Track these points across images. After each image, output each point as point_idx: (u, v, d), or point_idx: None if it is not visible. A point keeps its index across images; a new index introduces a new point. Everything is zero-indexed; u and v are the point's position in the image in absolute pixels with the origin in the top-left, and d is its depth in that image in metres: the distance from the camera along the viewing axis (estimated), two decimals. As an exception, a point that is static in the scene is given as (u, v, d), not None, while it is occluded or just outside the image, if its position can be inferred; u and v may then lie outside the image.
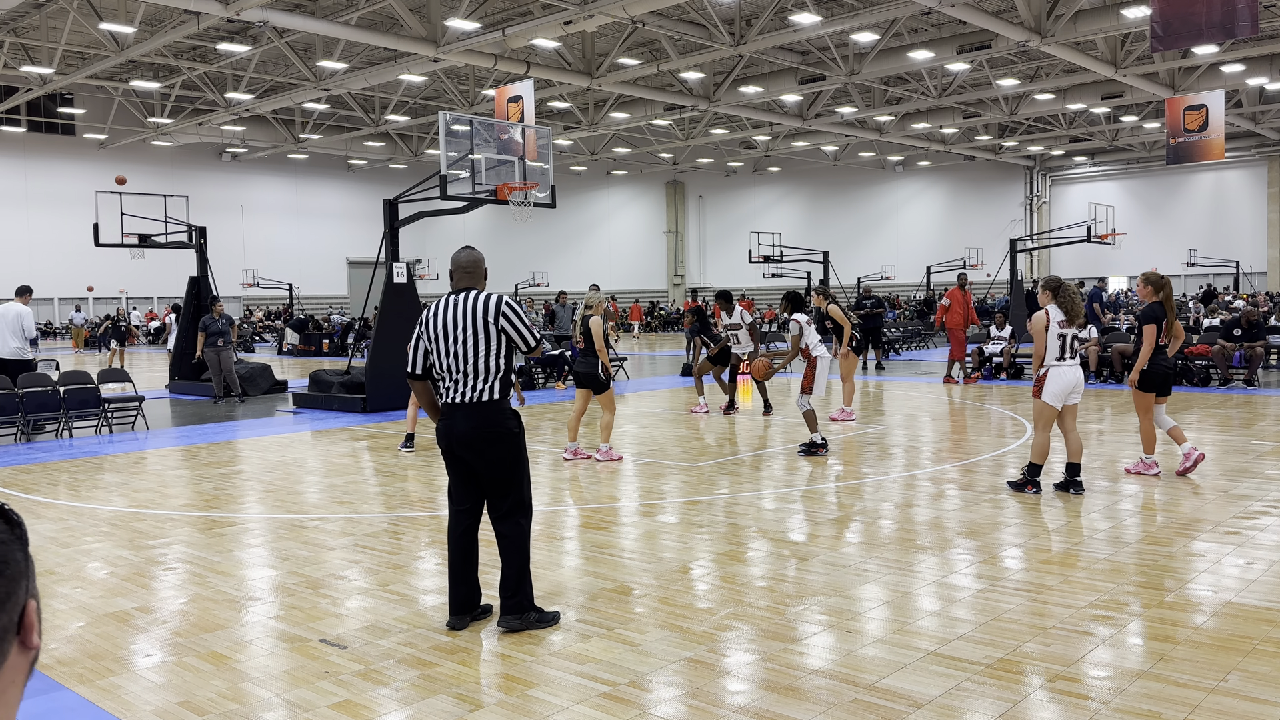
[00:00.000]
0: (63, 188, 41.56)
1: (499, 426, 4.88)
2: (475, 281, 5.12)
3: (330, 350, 30.62)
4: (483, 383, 4.89)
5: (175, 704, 4.16)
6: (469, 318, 4.90)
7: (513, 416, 4.95)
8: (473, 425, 4.86)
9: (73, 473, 10.18)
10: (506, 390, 4.95)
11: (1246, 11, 14.54)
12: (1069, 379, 8.06)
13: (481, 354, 4.89)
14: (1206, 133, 24.17)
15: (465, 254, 5.15)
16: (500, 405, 4.92)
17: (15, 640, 1.04)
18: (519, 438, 4.94)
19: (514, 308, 4.98)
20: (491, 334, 4.89)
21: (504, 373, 4.94)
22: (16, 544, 1.08)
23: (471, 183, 14.87)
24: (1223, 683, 4.12)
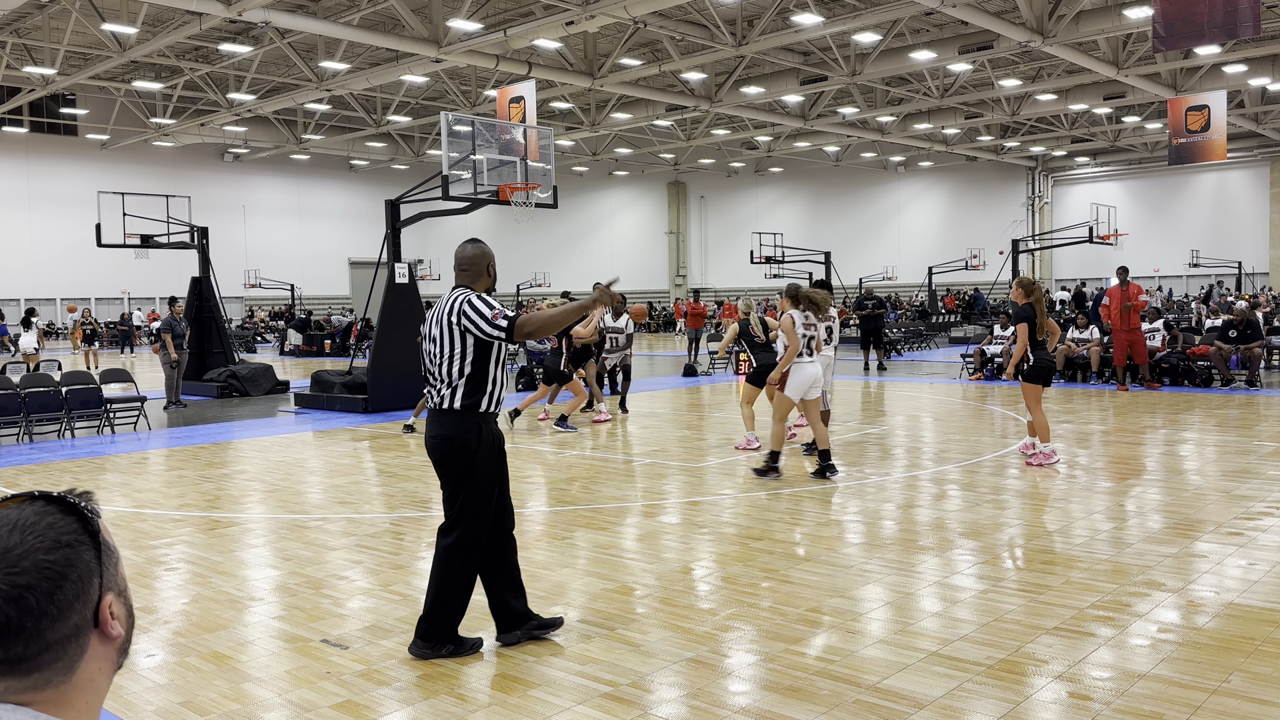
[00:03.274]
0: (65, 188, 41.59)
1: (454, 435, 4.53)
2: (473, 279, 4.72)
3: (332, 350, 30.64)
4: (447, 388, 4.55)
5: (177, 704, 4.16)
6: (443, 319, 4.59)
7: (473, 426, 4.53)
8: (432, 433, 4.60)
9: (75, 473, 10.19)
10: (475, 398, 4.54)
11: (1249, 12, 14.53)
12: (809, 374, 8.81)
13: (446, 357, 4.55)
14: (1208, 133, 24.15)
15: (463, 248, 4.77)
16: (462, 413, 4.53)
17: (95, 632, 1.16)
18: (474, 452, 4.51)
19: (474, 304, 4.52)
20: (455, 335, 4.53)
21: (472, 378, 4.53)
22: (85, 544, 1.17)
23: (473, 183, 14.88)
24: (1225, 683, 4.12)
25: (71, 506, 1.18)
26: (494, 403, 4.63)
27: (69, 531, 1.16)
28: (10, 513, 1.17)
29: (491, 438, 4.59)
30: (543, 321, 4.42)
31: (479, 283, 4.71)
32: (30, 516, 1.16)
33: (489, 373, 4.57)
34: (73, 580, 1.13)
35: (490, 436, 4.59)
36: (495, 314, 4.48)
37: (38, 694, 1.13)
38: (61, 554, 1.13)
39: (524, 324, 4.43)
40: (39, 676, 1.13)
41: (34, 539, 1.13)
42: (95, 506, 1.23)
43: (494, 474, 4.62)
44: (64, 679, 1.14)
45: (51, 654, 1.13)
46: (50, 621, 1.12)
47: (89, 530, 1.18)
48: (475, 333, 4.49)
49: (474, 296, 4.56)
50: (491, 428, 4.62)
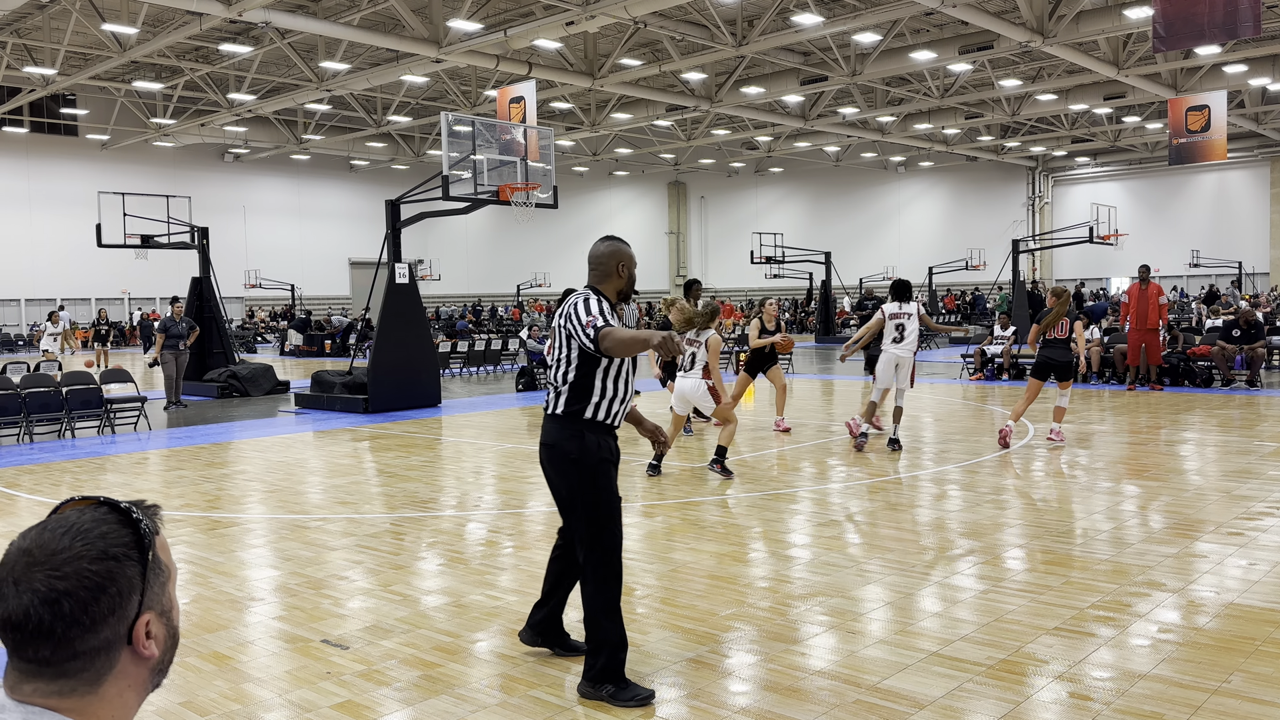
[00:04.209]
0: (65, 189, 41.57)
1: (554, 443, 4.22)
2: (601, 279, 4.33)
3: (332, 351, 30.64)
4: (554, 392, 4.26)
5: (178, 704, 4.16)
6: (557, 319, 4.29)
7: (574, 437, 4.17)
8: (542, 440, 4.31)
9: (75, 473, 10.19)
10: (579, 405, 4.18)
11: (1249, 12, 14.53)
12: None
13: (555, 360, 4.28)
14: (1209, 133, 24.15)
15: (595, 245, 4.41)
16: (565, 421, 4.20)
17: (127, 650, 1.15)
18: (578, 463, 4.16)
19: (579, 306, 4.16)
20: (563, 338, 4.23)
21: (576, 386, 4.19)
22: (133, 559, 1.16)
23: (474, 183, 14.88)
24: (1225, 684, 4.12)
25: (130, 519, 1.18)
26: (605, 413, 4.22)
27: (119, 544, 1.16)
28: (71, 515, 1.17)
29: (599, 446, 4.18)
30: (619, 340, 4.02)
31: (608, 283, 4.33)
32: (87, 523, 1.16)
33: (594, 382, 4.19)
34: (111, 594, 1.13)
35: (595, 446, 4.18)
36: (589, 321, 4.09)
37: (63, 700, 1.13)
38: (105, 566, 1.13)
39: (605, 336, 4.05)
40: (65, 683, 1.13)
41: (82, 545, 1.13)
42: (156, 523, 1.22)
43: (609, 483, 4.20)
44: (90, 690, 1.14)
45: (79, 663, 1.13)
46: (81, 631, 1.12)
47: (141, 546, 1.17)
48: (576, 338, 4.16)
49: (583, 299, 4.18)
50: (599, 438, 4.20)
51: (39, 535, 1.14)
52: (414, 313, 15.50)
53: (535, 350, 18.97)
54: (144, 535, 1.18)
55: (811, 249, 36.49)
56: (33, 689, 1.13)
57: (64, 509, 1.19)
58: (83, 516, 1.16)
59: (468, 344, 23.59)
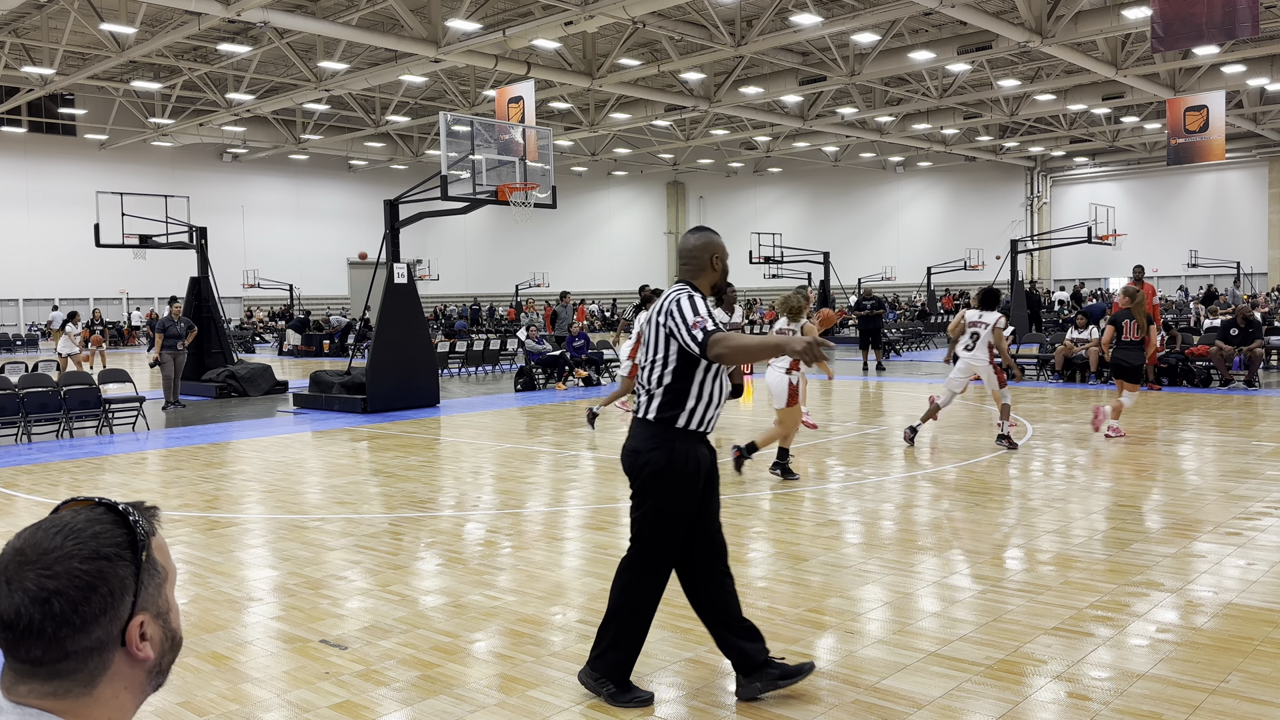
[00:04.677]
0: (63, 188, 41.56)
1: (641, 449, 3.94)
2: (694, 274, 4.09)
3: (331, 351, 30.63)
4: (645, 395, 4.00)
5: (176, 704, 4.16)
6: (653, 317, 4.03)
7: (663, 447, 3.89)
8: (626, 443, 4.06)
9: (73, 473, 10.18)
10: (673, 412, 3.92)
11: (1247, 12, 14.54)
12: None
13: (649, 361, 4.00)
14: (1207, 133, 24.17)
15: (685, 237, 4.17)
16: (655, 428, 3.94)
17: (120, 651, 1.14)
18: (663, 475, 3.88)
19: (682, 304, 3.91)
20: (660, 337, 3.96)
21: (671, 390, 3.93)
22: (125, 559, 1.15)
23: (472, 183, 14.87)
24: (1223, 684, 4.12)
25: (125, 519, 1.17)
26: (700, 420, 3.96)
27: (112, 544, 1.15)
28: (66, 515, 1.17)
29: (686, 459, 3.91)
30: (737, 346, 3.79)
31: (702, 278, 4.09)
32: (81, 523, 1.15)
33: (692, 387, 3.93)
34: (102, 593, 1.12)
35: (685, 457, 3.91)
36: (696, 322, 3.84)
37: (58, 702, 1.12)
38: (96, 565, 1.12)
39: (717, 342, 3.78)
40: (59, 684, 1.12)
41: (74, 545, 1.13)
42: (152, 524, 1.21)
43: (685, 501, 3.94)
44: (84, 691, 1.13)
45: (72, 664, 1.12)
46: (72, 630, 1.11)
47: (134, 546, 1.16)
48: (678, 338, 3.89)
49: (686, 295, 3.94)
50: (690, 447, 3.94)
51: (32, 535, 1.14)
52: (412, 313, 15.50)
53: (534, 351, 18.96)
54: (138, 536, 1.17)
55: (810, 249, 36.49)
56: (28, 690, 1.12)
57: (62, 510, 1.18)
58: (77, 517, 1.16)
59: (466, 344, 23.59)
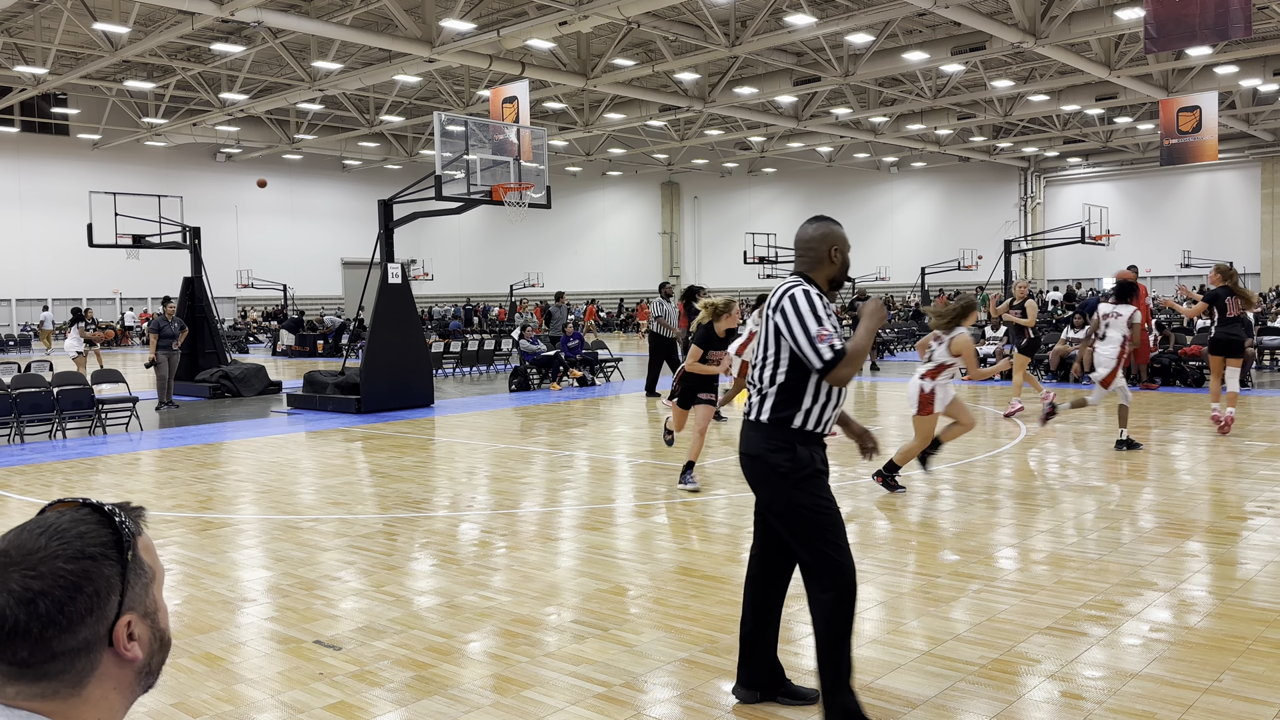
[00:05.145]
0: (56, 188, 41.45)
1: (759, 457, 3.73)
2: (811, 266, 3.85)
3: (325, 351, 30.58)
4: (758, 395, 3.79)
5: (169, 705, 4.15)
6: (766, 311, 3.81)
7: (783, 449, 3.69)
8: (740, 448, 3.85)
9: (66, 474, 10.16)
10: (788, 412, 3.71)
11: (1240, 13, 14.59)
12: None
13: (761, 358, 3.78)
14: (1200, 134, 24.25)
15: (803, 228, 3.92)
16: (771, 430, 3.72)
17: (108, 651, 1.14)
18: (788, 477, 3.67)
19: (799, 304, 3.64)
20: (772, 334, 3.73)
21: (786, 389, 3.70)
22: (111, 559, 1.15)
23: (466, 183, 14.86)
24: (1216, 683, 4.13)
25: (111, 519, 1.17)
26: (817, 421, 3.74)
27: (97, 544, 1.14)
28: (51, 517, 1.16)
29: (809, 459, 3.71)
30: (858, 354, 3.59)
31: (819, 270, 3.83)
32: (65, 523, 1.15)
33: (809, 385, 3.70)
34: (87, 593, 1.12)
35: (807, 458, 3.70)
36: (821, 334, 3.57)
37: (46, 703, 1.12)
38: (81, 565, 1.12)
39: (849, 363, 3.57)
40: (46, 685, 1.12)
41: (59, 545, 1.12)
42: (138, 524, 1.21)
43: (824, 490, 3.74)
44: (72, 692, 1.13)
45: (59, 664, 1.12)
46: (58, 631, 1.10)
47: (120, 546, 1.16)
48: (790, 340, 3.64)
49: (802, 292, 3.67)
50: (810, 449, 3.73)
51: (17, 536, 1.14)
52: (407, 313, 15.48)
53: (529, 351, 18.94)
54: (124, 535, 1.16)
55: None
56: (16, 691, 1.12)
57: (47, 511, 1.18)
58: (62, 518, 1.15)
59: (460, 344, 23.57)
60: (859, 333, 3.66)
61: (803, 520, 3.68)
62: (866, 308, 3.70)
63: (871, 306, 3.67)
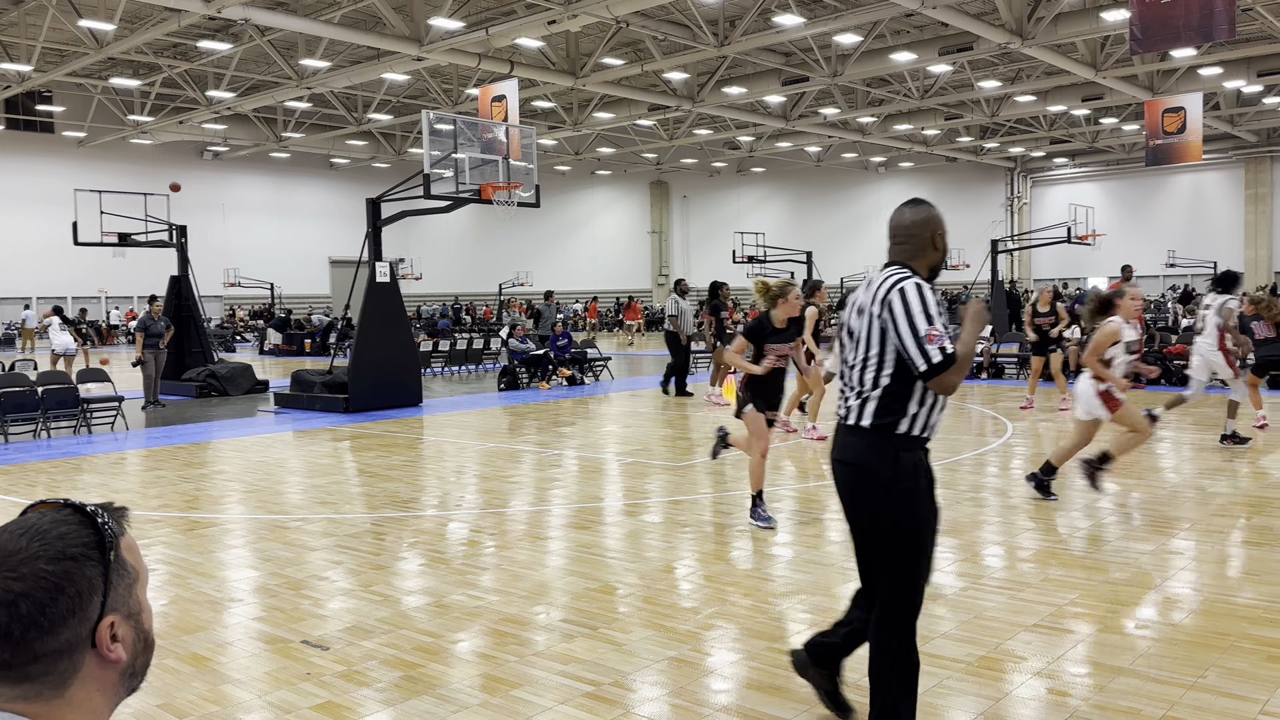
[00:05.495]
0: (41, 186, 41.15)
1: (857, 462, 3.41)
2: (912, 255, 3.49)
3: (312, 350, 30.48)
4: (856, 398, 3.45)
5: (155, 706, 4.13)
6: (865, 306, 3.45)
7: (886, 457, 3.35)
8: (835, 455, 3.53)
9: (51, 473, 10.09)
10: (891, 417, 3.37)
11: (1224, 15, 14.68)
12: None
13: (860, 358, 3.45)
14: (1185, 135, 24.40)
15: (900, 212, 3.55)
16: (872, 436, 3.39)
17: (91, 652, 1.13)
18: (890, 488, 3.34)
19: (908, 298, 3.30)
20: (874, 331, 3.40)
21: (890, 392, 3.37)
22: (93, 560, 1.14)
23: (455, 182, 14.84)
24: (1201, 679, 4.16)
25: (93, 520, 1.16)
26: (923, 425, 3.40)
27: (79, 544, 1.14)
28: (32, 517, 1.16)
29: (914, 469, 3.39)
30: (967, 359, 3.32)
31: (921, 259, 3.50)
32: (47, 524, 1.14)
33: (915, 388, 3.38)
34: (69, 594, 1.11)
35: (912, 468, 3.38)
36: (931, 335, 3.26)
37: (29, 705, 1.11)
38: (62, 566, 1.11)
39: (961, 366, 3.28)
40: (29, 687, 1.11)
41: (40, 546, 1.12)
42: (121, 525, 1.20)
43: (924, 513, 3.40)
44: (56, 694, 1.12)
45: (41, 666, 1.11)
46: (40, 633, 1.10)
47: (102, 547, 1.15)
48: (895, 338, 3.32)
49: (914, 285, 3.34)
50: (915, 456, 3.41)
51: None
52: (395, 312, 15.44)
53: (518, 350, 18.92)
54: (106, 536, 1.16)
55: (793, 248, 36.62)
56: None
57: (29, 513, 1.17)
58: (43, 519, 1.15)
59: (449, 343, 23.51)
60: (964, 337, 3.36)
61: (887, 537, 3.40)
62: (970, 309, 3.47)
63: (975, 308, 3.43)
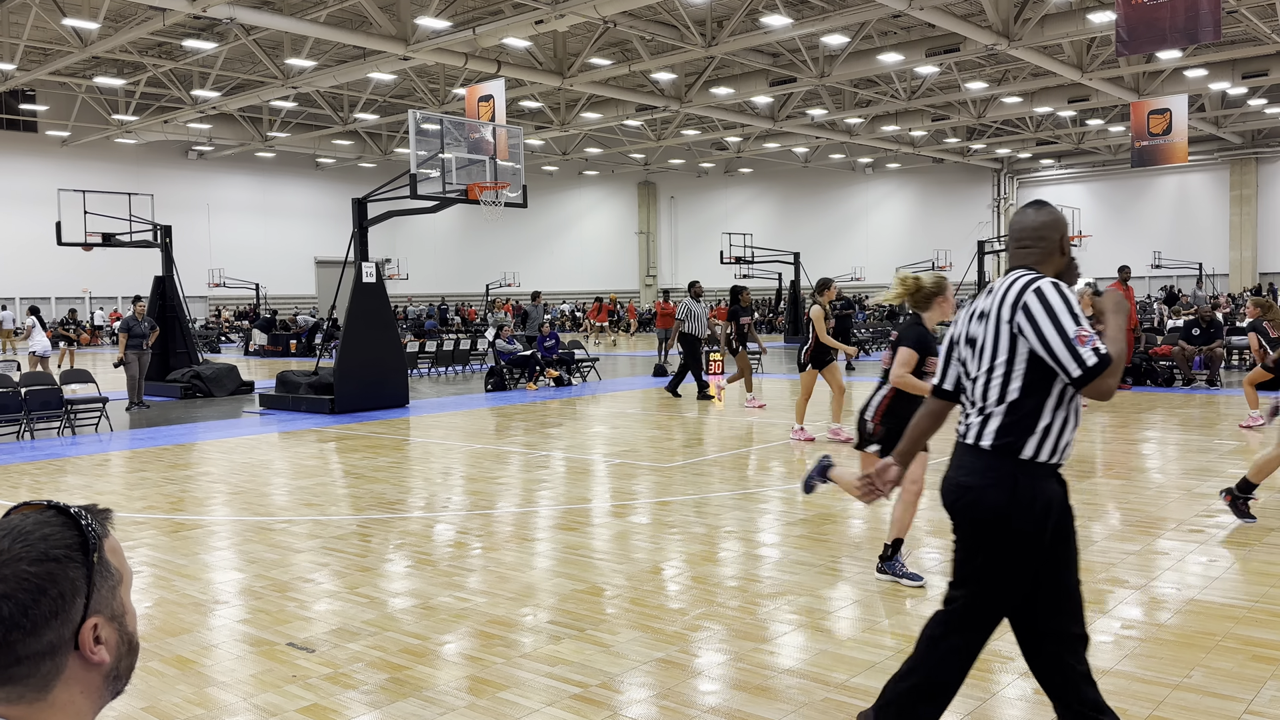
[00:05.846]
0: (24, 186, 40.85)
1: (976, 485, 3.06)
2: (1040, 260, 3.16)
3: (298, 350, 30.35)
4: (978, 415, 3.12)
5: (140, 709, 4.10)
6: (990, 312, 3.13)
7: (1005, 483, 3.01)
8: (950, 475, 3.18)
9: (34, 475, 10.01)
10: (1018, 438, 3.02)
11: (1209, 17, 14.77)
12: None
13: (985, 370, 3.11)
14: (1170, 136, 24.54)
15: (1024, 215, 3.23)
16: (993, 458, 3.04)
17: (74, 655, 1.12)
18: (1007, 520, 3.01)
19: (1049, 300, 2.99)
20: (1004, 338, 3.06)
21: (1019, 408, 3.02)
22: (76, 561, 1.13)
23: (442, 182, 14.79)
24: (1186, 679, 4.18)
25: (76, 522, 1.15)
26: (1053, 450, 3.05)
27: (62, 546, 1.13)
28: (15, 519, 1.15)
29: (1033, 499, 3.02)
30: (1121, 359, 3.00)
31: (1049, 264, 3.18)
32: (30, 526, 1.14)
33: (1047, 404, 3.03)
34: (51, 596, 1.10)
35: (1031, 497, 3.02)
36: (1082, 335, 2.93)
37: (12, 707, 1.11)
38: (45, 567, 1.11)
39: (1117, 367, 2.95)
40: (11, 689, 1.11)
41: (22, 548, 1.11)
42: (103, 525, 1.19)
43: (1028, 554, 3.06)
44: (38, 696, 1.11)
45: (24, 668, 1.10)
46: (22, 634, 1.09)
47: (85, 548, 1.14)
48: (1037, 344, 2.98)
49: (1052, 285, 3.03)
50: (1038, 484, 3.04)
51: None
52: (381, 312, 15.39)
53: (505, 351, 18.88)
54: (89, 537, 1.15)
55: (780, 249, 36.67)
56: None
57: (12, 514, 1.16)
58: (26, 520, 1.14)
59: (436, 344, 23.46)
60: (1111, 333, 3.06)
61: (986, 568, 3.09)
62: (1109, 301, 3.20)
63: (1115, 299, 3.15)
